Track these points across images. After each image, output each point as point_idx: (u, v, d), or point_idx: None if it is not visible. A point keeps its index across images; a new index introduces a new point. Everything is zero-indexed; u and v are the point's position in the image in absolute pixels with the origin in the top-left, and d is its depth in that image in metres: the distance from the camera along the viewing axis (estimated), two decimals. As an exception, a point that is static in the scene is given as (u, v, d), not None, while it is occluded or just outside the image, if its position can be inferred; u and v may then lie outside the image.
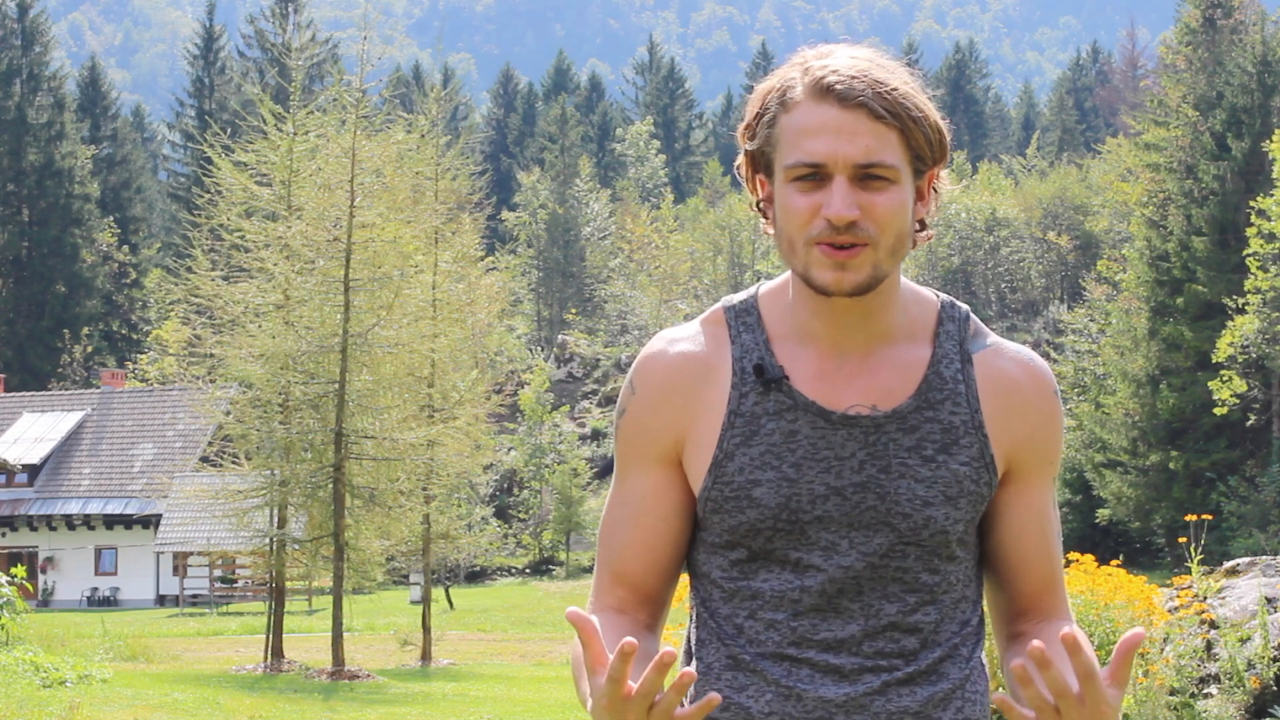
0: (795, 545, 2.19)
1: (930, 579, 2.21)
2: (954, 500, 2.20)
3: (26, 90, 77.79)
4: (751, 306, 2.29)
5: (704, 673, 2.26)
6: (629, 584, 2.28)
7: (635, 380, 2.28)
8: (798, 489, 2.18)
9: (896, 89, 2.14)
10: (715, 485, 2.21)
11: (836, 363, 2.22)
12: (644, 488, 2.26)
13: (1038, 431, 2.28)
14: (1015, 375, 2.28)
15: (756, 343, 2.25)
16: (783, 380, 2.21)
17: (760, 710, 2.20)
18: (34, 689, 16.11)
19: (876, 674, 2.19)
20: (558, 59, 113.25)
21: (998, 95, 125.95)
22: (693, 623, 2.31)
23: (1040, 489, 2.29)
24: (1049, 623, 2.29)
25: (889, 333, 2.24)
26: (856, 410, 2.20)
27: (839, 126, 2.12)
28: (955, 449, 2.21)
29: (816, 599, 2.18)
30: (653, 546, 2.26)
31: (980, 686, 2.27)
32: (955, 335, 2.28)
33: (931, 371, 2.24)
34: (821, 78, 2.14)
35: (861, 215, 2.12)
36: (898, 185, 2.14)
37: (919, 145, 2.16)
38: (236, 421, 23.36)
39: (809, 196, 2.14)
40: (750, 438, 2.20)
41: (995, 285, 75.57)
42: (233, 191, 23.28)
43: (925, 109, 2.16)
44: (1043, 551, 2.30)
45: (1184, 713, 10.04)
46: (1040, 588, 2.31)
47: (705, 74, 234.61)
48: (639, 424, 2.26)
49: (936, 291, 2.31)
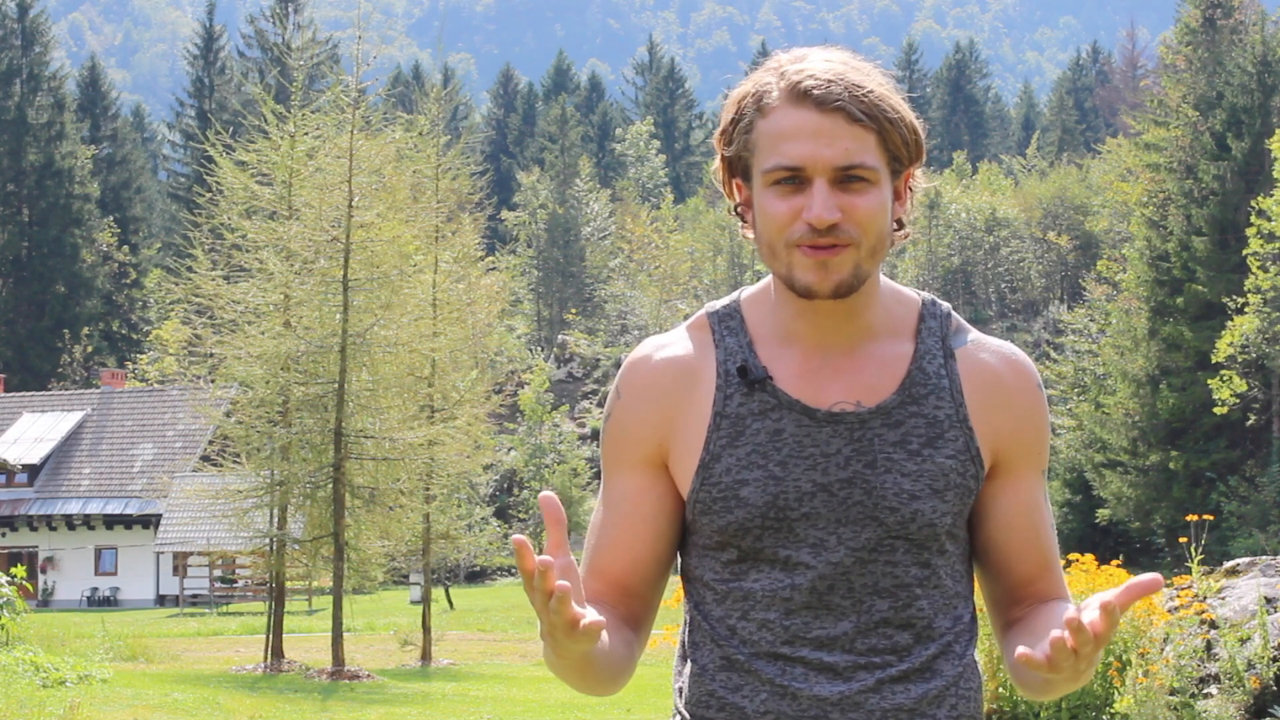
0: (784, 543, 2.19)
1: (920, 573, 2.22)
2: (941, 493, 2.21)
3: (26, 90, 77.80)
4: (734, 311, 2.31)
5: (698, 674, 2.26)
6: (607, 579, 2.29)
7: (621, 386, 2.31)
8: (785, 487, 2.19)
9: (873, 91, 2.15)
10: (703, 487, 2.23)
11: (820, 361, 2.24)
12: (628, 490, 2.28)
13: (1022, 423, 2.29)
14: (997, 369, 2.29)
15: (740, 345, 2.27)
16: (767, 380, 2.23)
17: (755, 710, 2.20)
18: (34, 689, 16.11)
19: (870, 671, 2.19)
20: (558, 59, 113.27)
21: (998, 95, 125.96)
22: (686, 627, 2.32)
23: (1028, 481, 2.30)
24: (1048, 603, 2.30)
25: (871, 331, 2.26)
26: (841, 407, 2.22)
27: (817, 130, 2.13)
28: (941, 443, 2.23)
29: (808, 596, 2.19)
30: (632, 545, 2.27)
31: (974, 683, 2.28)
32: (937, 331, 2.29)
33: (915, 367, 2.25)
34: (798, 82, 2.16)
35: (843, 218, 2.14)
36: (877, 187, 2.16)
37: (896, 146, 2.17)
38: (237, 423, 23.36)
39: (788, 200, 2.15)
40: (736, 438, 2.22)
41: (995, 285, 75.57)
42: (234, 191, 23.27)
43: (901, 110, 2.18)
44: (1033, 542, 2.31)
45: (1184, 713, 10.04)
46: (1033, 575, 2.32)
47: (705, 74, 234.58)
48: (623, 428, 2.29)
49: (917, 290, 2.33)
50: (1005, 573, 2.32)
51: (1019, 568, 2.32)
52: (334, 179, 22.52)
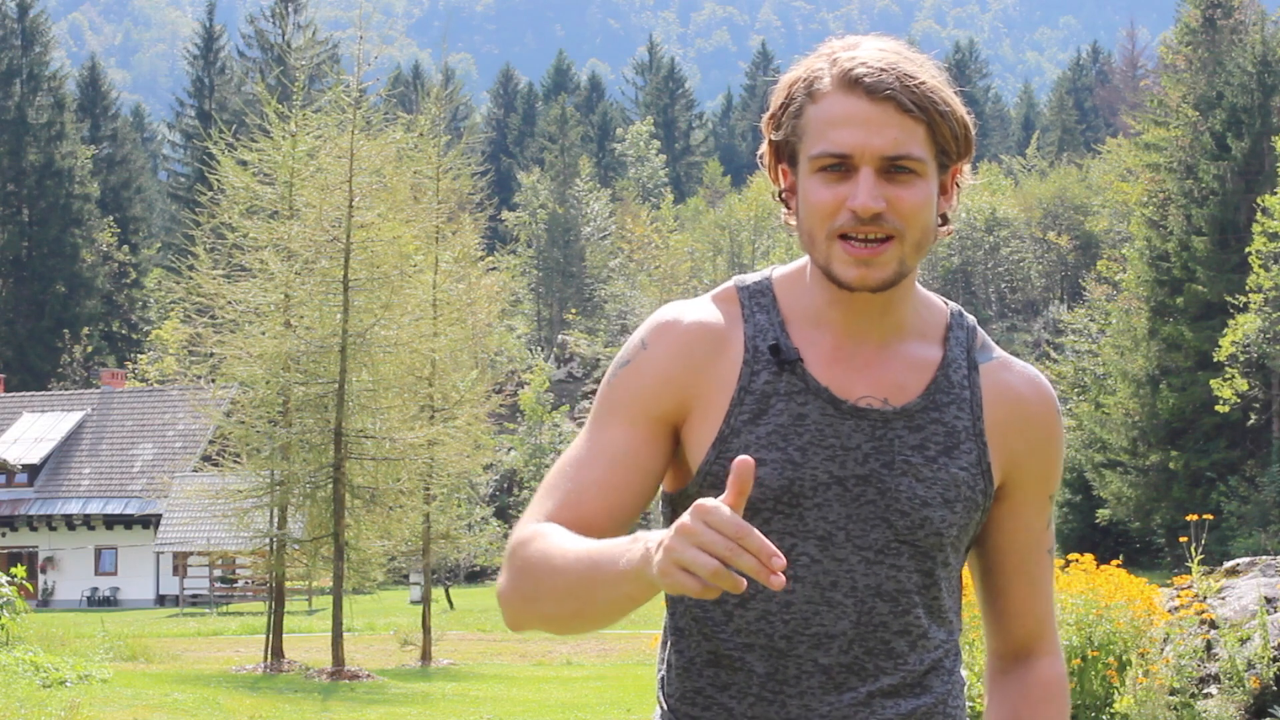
0: (792, 531, 2.17)
1: (922, 581, 2.21)
2: (951, 504, 2.20)
3: (26, 90, 77.79)
4: (766, 288, 2.27)
5: (684, 666, 2.23)
6: (580, 516, 2.16)
7: (648, 338, 2.23)
8: (801, 473, 2.16)
9: (924, 82, 2.13)
10: (719, 460, 2.18)
11: (850, 352, 2.21)
12: (626, 440, 2.19)
13: (1041, 450, 2.29)
14: (1022, 391, 2.29)
15: (772, 323, 2.23)
16: (798, 363, 2.20)
17: (743, 712, 2.18)
18: (34, 689, 16.11)
19: (863, 679, 2.17)
20: (558, 59, 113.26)
21: (998, 95, 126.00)
22: (670, 611, 2.26)
23: (1037, 508, 2.31)
24: (1031, 683, 2.35)
25: (903, 329, 2.24)
26: (868, 402, 2.20)
27: (867, 118, 2.11)
28: (956, 453, 2.21)
29: (811, 590, 2.17)
30: (618, 489, 2.17)
31: (960, 702, 2.28)
32: (964, 342, 2.28)
33: (941, 373, 2.24)
34: (850, 69, 2.13)
35: (887, 208, 2.11)
36: (923, 179, 2.13)
37: (945, 139, 2.15)
38: (237, 423, 23.36)
39: (834, 188, 2.12)
40: (758, 416, 2.18)
41: (995, 285, 75.57)
42: (235, 190, 23.27)
43: (952, 103, 2.16)
44: (1029, 575, 2.33)
45: (1184, 713, 10.04)
46: (1023, 613, 2.34)
47: (705, 74, 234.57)
48: (641, 379, 2.21)
49: (945, 299, 2.32)
50: (995, 605, 2.35)
51: (1009, 604, 2.34)
52: (335, 179, 22.52)
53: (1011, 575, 2.33)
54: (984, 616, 2.40)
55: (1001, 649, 2.37)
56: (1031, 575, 2.33)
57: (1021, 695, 2.35)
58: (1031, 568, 2.33)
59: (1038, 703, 2.34)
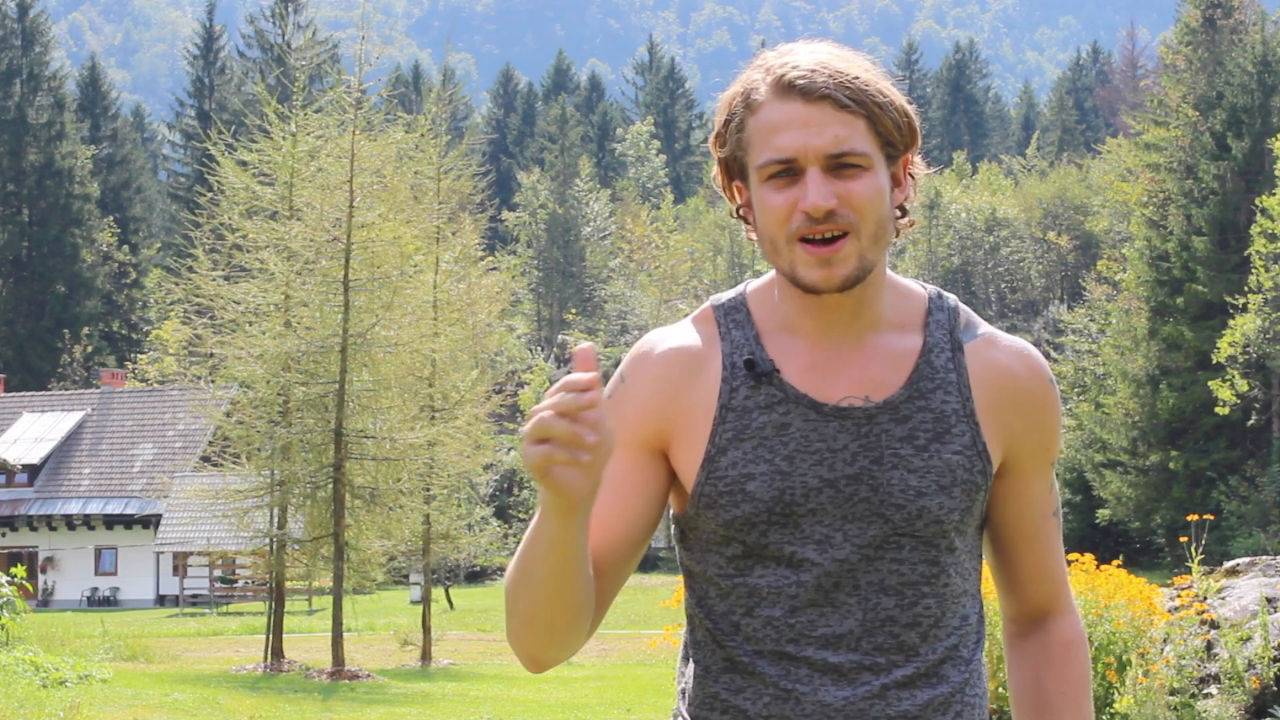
0: (790, 539, 2.18)
1: (928, 570, 2.21)
2: (948, 489, 2.20)
3: (26, 90, 77.78)
4: (740, 304, 2.29)
5: (701, 675, 2.25)
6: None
7: (626, 371, 2.28)
8: (791, 482, 2.18)
9: (858, 77, 2.15)
10: (709, 481, 2.20)
11: (827, 355, 2.23)
12: (613, 467, 2.20)
13: (1037, 423, 2.29)
14: (1011, 366, 2.28)
15: (747, 338, 2.25)
16: (774, 374, 2.21)
17: (758, 713, 2.19)
18: (34, 689, 16.10)
19: (875, 673, 2.18)
20: (558, 59, 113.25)
21: (998, 95, 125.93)
22: (688, 625, 2.30)
23: (1040, 480, 2.32)
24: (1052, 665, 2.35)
25: (878, 324, 2.24)
26: (849, 402, 2.21)
27: (806, 120, 2.13)
28: (948, 438, 2.22)
29: (813, 594, 2.17)
30: (607, 517, 2.21)
31: (979, 689, 2.27)
32: (945, 324, 2.28)
33: (922, 361, 2.24)
34: (783, 75, 2.16)
35: (839, 204, 2.13)
36: (871, 171, 2.15)
37: (887, 131, 2.17)
38: (237, 423, 23.36)
39: (784, 193, 2.15)
40: (742, 432, 2.20)
41: (995, 285, 75.56)
42: (235, 191, 23.27)
43: (890, 94, 2.17)
44: (1040, 542, 2.34)
45: (1184, 713, 10.04)
46: (1037, 578, 2.35)
47: (705, 74, 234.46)
48: (621, 409, 2.24)
49: (924, 284, 2.32)
50: (1012, 570, 2.36)
51: (1022, 572, 2.35)
52: (335, 179, 22.51)
53: (1024, 545, 2.34)
54: (998, 585, 2.40)
55: (1018, 614, 2.39)
56: (1043, 540, 2.34)
57: (1044, 656, 2.36)
58: (1042, 534, 2.34)
59: (1061, 663, 2.35)
